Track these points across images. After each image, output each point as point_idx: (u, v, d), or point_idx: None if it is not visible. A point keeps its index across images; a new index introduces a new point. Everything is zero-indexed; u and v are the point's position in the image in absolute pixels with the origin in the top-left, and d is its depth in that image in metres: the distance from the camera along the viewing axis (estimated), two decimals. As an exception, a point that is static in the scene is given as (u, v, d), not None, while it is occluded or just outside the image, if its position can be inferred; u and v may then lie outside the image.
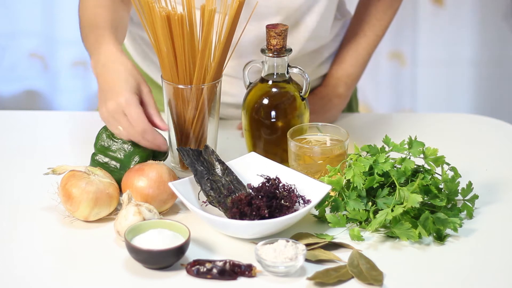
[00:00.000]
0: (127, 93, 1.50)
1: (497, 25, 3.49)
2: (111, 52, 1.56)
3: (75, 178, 1.50)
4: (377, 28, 1.89)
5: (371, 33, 1.89)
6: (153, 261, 1.38)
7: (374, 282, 1.35)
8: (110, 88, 1.51)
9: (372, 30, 1.89)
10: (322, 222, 1.51)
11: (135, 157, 1.59)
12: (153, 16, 1.56)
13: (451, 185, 1.52)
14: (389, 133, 1.72)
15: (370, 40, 1.90)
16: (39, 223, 1.51)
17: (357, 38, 1.89)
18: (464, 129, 1.89)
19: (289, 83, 1.65)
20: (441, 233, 1.46)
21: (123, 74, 1.52)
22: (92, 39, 1.61)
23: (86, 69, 3.52)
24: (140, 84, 1.53)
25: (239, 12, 1.58)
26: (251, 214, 1.44)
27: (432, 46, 3.53)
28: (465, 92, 3.59)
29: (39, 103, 3.54)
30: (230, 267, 1.37)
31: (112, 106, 1.50)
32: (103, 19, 1.63)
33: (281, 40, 1.61)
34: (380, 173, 1.51)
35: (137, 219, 1.44)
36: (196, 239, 1.45)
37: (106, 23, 1.63)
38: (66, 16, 3.44)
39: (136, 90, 1.51)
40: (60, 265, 1.41)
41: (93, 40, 1.61)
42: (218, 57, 1.59)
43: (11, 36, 3.48)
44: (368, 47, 1.90)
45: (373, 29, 1.89)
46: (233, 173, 1.55)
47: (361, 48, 1.89)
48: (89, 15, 1.66)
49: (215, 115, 1.64)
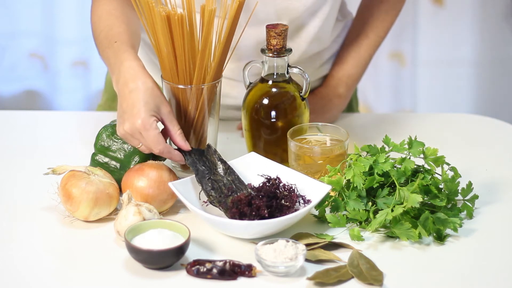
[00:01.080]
0: (145, 115, 1.50)
1: (497, 25, 3.49)
2: (132, 70, 1.54)
3: (75, 178, 1.50)
4: (379, 30, 1.89)
5: (373, 35, 1.89)
6: (153, 261, 1.38)
7: (374, 282, 1.35)
8: (129, 109, 1.51)
9: (374, 31, 1.89)
10: (322, 222, 1.51)
11: (135, 157, 1.59)
12: (153, 16, 1.56)
13: (451, 185, 1.52)
14: (389, 133, 1.72)
15: (372, 42, 1.90)
16: (39, 223, 1.51)
17: (359, 40, 1.89)
18: (464, 129, 1.89)
19: (289, 83, 1.65)
20: (441, 233, 1.46)
21: (143, 95, 1.51)
22: (111, 54, 1.59)
23: (86, 69, 3.52)
24: (160, 105, 1.52)
25: (239, 12, 1.58)
26: (250, 214, 1.44)
27: (432, 46, 3.53)
28: (465, 92, 3.59)
29: (39, 103, 3.54)
30: (230, 267, 1.37)
31: (129, 127, 1.51)
32: (119, 30, 1.62)
33: (281, 40, 1.61)
34: (380, 173, 1.51)
35: (137, 219, 1.44)
36: (196, 239, 1.45)
37: (124, 36, 1.61)
38: (66, 16, 3.44)
39: (154, 112, 1.51)
40: (60, 265, 1.41)
41: (112, 55, 1.59)
42: (218, 57, 1.59)
43: (11, 36, 3.48)
44: (370, 48, 1.90)
45: (375, 31, 1.89)
46: (235, 173, 1.55)
47: (362, 49, 1.89)
48: (103, 26, 1.64)
49: (215, 115, 1.64)
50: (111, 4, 1.67)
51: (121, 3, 1.68)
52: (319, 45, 1.82)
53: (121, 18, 1.65)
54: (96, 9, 1.68)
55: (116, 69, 1.56)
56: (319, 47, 1.83)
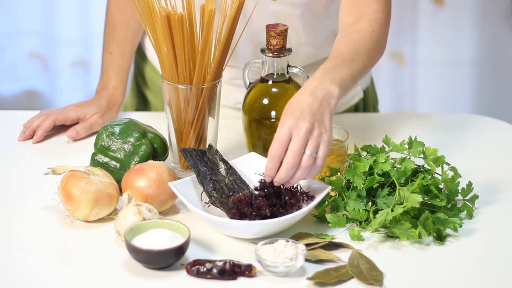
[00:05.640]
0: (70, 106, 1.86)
1: (497, 25, 3.49)
2: (107, 83, 1.91)
3: (75, 178, 1.50)
4: None
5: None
6: (153, 261, 1.38)
7: (374, 282, 1.35)
8: (85, 103, 1.88)
9: None
10: (322, 222, 1.51)
11: (135, 157, 1.59)
12: (153, 16, 1.56)
13: (451, 185, 1.52)
14: (389, 133, 1.73)
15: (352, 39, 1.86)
16: (39, 223, 1.51)
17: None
18: (464, 129, 1.89)
19: (289, 83, 1.65)
20: (441, 233, 1.46)
21: (91, 100, 1.88)
22: (104, 59, 1.91)
23: (86, 69, 3.52)
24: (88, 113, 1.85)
25: (239, 12, 1.58)
26: (251, 214, 1.44)
27: (432, 46, 3.53)
28: (465, 92, 3.59)
29: (39, 103, 3.54)
30: (230, 267, 1.37)
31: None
32: (118, 38, 1.91)
33: (281, 40, 1.61)
34: (380, 173, 1.51)
35: (137, 219, 1.44)
36: (196, 239, 1.45)
37: (120, 40, 1.92)
38: (66, 16, 3.44)
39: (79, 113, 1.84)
40: (60, 265, 1.41)
41: (104, 62, 1.92)
42: (218, 57, 1.59)
43: (11, 36, 3.47)
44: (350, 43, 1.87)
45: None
46: (236, 173, 1.55)
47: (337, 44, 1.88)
48: (109, 21, 1.92)
49: (215, 115, 1.64)
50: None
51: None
52: (320, 55, 1.83)
53: (126, 15, 1.91)
54: None
55: (104, 76, 1.92)
56: (320, 56, 1.84)
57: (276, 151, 1.43)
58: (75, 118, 1.83)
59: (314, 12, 1.77)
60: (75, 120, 1.84)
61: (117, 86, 1.90)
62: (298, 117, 1.44)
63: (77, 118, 1.83)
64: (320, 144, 1.44)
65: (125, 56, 1.91)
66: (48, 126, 1.80)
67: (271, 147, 1.43)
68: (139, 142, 1.60)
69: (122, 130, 1.62)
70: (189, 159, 1.53)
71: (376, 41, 1.63)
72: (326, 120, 1.46)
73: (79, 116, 1.83)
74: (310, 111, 1.45)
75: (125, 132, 1.61)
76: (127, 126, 1.62)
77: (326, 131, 1.46)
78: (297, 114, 1.44)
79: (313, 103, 1.46)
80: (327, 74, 1.51)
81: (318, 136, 1.44)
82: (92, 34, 3.44)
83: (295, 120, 1.44)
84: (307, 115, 1.44)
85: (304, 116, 1.44)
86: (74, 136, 1.80)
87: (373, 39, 1.63)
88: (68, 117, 1.83)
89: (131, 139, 1.61)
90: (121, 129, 1.62)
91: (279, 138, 1.44)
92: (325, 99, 1.48)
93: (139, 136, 1.61)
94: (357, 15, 1.65)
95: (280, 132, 1.44)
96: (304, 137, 1.43)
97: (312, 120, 1.44)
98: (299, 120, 1.44)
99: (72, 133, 1.80)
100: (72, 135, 1.80)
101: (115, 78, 1.90)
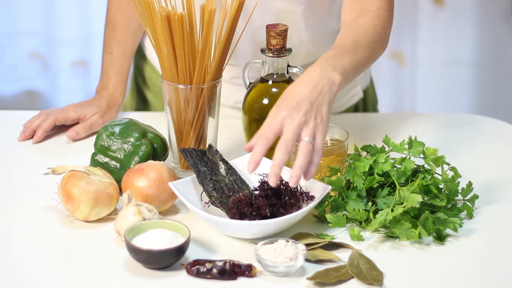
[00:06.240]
0: (70, 106, 1.86)
1: (497, 25, 3.49)
2: (108, 83, 1.91)
3: (75, 178, 1.50)
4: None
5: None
6: (153, 261, 1.38)
7: (374, 282, 1.35)
8: (85, 103, 1.89)
9: None
10: (322, 222, 1.51)
11: (135, 157, 1.59)
12: (153, 16, 1.56)
13: (451, 185, 1.52)
14: (389, 133, 1.73)
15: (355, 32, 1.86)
16: (39, 223, 1.51)
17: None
18: (464, 129, 1.89)
19: (289, 83, 1.65)
20: (441, 233, 1.46)
21: (91, 100, 1.89)
22: (105, 59, 1.92)
23: (86, 69, 3.52)
24: (88, 114, 1.85)
25: (239, 12, 1.58)
26: (251, 215, 1.44)
27: (432, 46, 3.53)
28: (465, 92, 3.59)
29: (39, 103, 3.54)
30: (230, 267, 1.37)
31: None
32: (119, 38, 1.92)
33: (281, 40, 1.61)
34: (380, 173, 1.51)
35: (137, 219, 1.44)
36: (196, 239, 1.45)
37: (120, 40, 1.92)
38: (66, 16, 3.44)
39: (79, 114, 1.85)
40: (60, 265, 1.41)
41: (105, 62, 1.92)
42: (218, 57, 1.59)
43: (11, 36, 3.47)
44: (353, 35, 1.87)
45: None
46: (236, 173, 1.55)
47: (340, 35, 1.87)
48: (109, 21, 1.93)
49: (215, 115, 1.64)
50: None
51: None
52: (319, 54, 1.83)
53: (127, 15, 1.92)
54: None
55: (101, 74, 1.92)
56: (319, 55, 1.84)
57: (262, 132, 1.41)
58: (75, 118, 1.83)
59: (316, 10, 1.77)
60: (75, 120, 1.84)
61: (117, 86, 1.90)
62: (293, 108, 1.42)
63: (77, 118, 1.83)
64: (316, 134, 1.43)
65: (125, 56, 1.91)
66: (48, 126, 1.80)
67: (259, 130, 1.42)
68: (139, 142, 1.60)
69: (122, 130, 1.62)
70: (189, 159, 1.53)
71: (379, 35, 1.63)
72: (324, 109, 1.45)
73: (79, 116, 1.83)
74: (308, 101, 1.43)
75: (125, 132, 1.61)
76: (127, 126, 1.62)
77: (322, 120, 1.44)
78: (293, 105, 1.43)
79: (313, 91, 1.45)
80: (329, 62, 1.50)
81: (314, 127, 1.43)
82: (92, 34, 3.44)
83: (289, 111, 1.42)
84: (304, 105, 1.43)
85: (300, 107, 1.43)
86: (74, 136, 1.80)
87: (376, 32, 1.62)
88: (68, 117, 1.83)
89: (131, 139, 1.61)
90: (121, 129, 1.62)
91: (271, 125, 1.42)
92: (326, 86, 1.46)
93: (139, 136, 1.61)
94: (360, 11, 1.65)
95: (272, 121, 1.42)
96: (297, 128, 1.42)
97: (308, 111, 1.43)
98: (293, 111, 1.42)
99: (72, 133, 1.80)
100: (72, 135, 1.80)
101: (115, 78, 1.90)
